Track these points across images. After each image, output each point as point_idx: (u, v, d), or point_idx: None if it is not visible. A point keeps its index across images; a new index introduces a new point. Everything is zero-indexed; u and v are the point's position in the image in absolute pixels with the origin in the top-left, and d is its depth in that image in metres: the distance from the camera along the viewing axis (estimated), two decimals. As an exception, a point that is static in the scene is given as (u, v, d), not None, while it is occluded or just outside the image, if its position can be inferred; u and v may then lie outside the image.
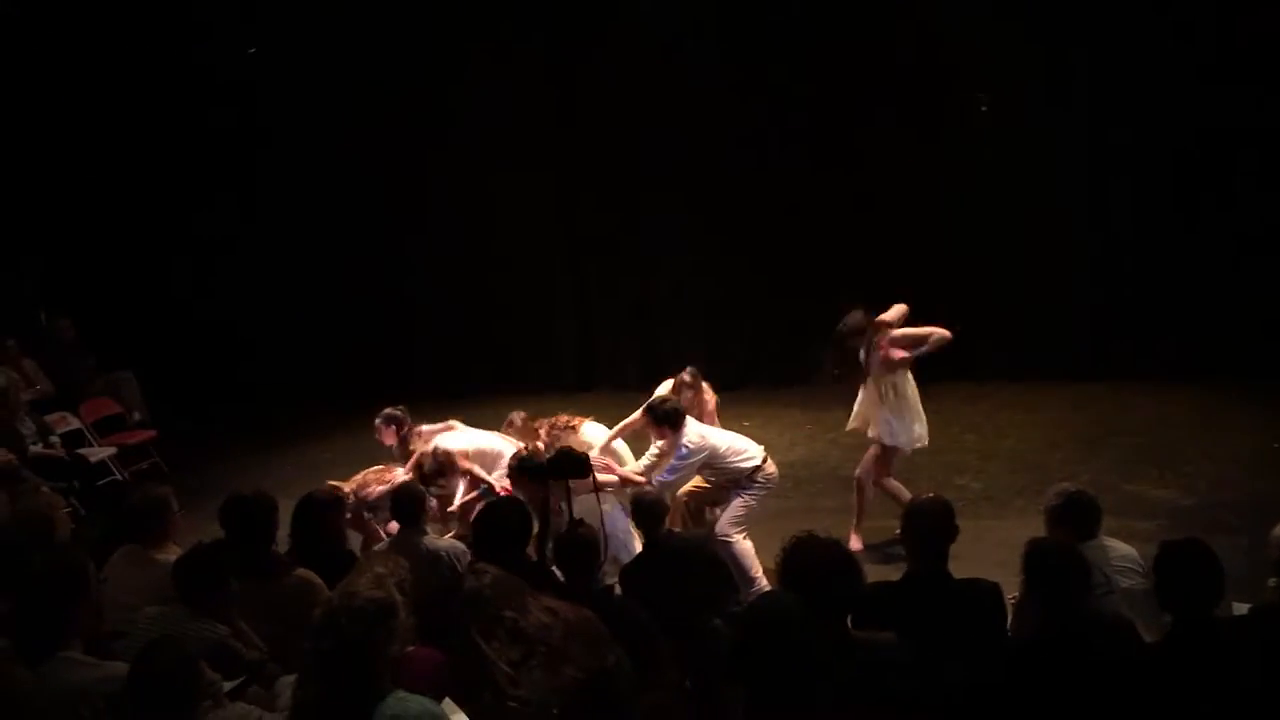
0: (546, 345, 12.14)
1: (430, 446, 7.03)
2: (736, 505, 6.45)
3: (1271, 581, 4.15)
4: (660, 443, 6.42)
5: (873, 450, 7.17)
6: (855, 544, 6.93)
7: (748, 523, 6.41)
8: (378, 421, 7.60)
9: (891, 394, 7.01)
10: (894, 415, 7.02)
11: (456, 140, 11.78)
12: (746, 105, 11.02)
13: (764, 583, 6.03)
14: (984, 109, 10.55)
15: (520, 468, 6.02)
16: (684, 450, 6.37)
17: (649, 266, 11.72)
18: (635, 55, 11.22)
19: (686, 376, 7.46)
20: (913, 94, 10.52)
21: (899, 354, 6.89)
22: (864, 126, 10.73)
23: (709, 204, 11.20)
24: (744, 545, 6.32)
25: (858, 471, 7.24)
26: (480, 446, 7.16)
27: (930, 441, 7.37)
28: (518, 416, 7.66)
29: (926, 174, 10.57)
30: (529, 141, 11.67)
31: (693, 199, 11.27)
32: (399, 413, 7.63)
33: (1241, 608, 4.17)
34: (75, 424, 9.77)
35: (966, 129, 10.57)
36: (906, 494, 6.97)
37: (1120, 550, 4.50)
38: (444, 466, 6.85)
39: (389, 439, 7.59)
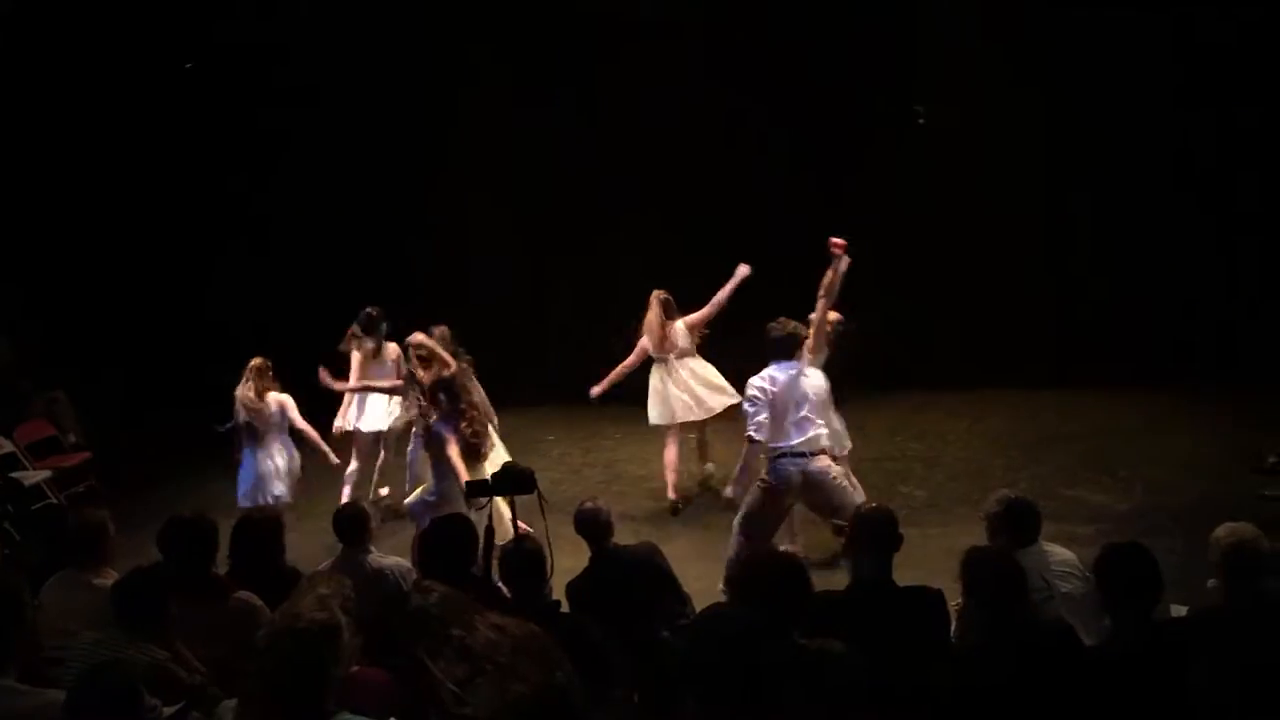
0: (534, 354, 12.04)
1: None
2: (748, 499, 6.27)
3: (1211, 583, 4.22)
4: None
5: None
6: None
7: (760, 525, 6.18)
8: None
9: None
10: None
11: (441, 147, 11.79)
12: (718, 115, 11.13)
13: None
14: (921, 121, 10.72)
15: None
16: (751, 390, 6.19)
17: (626, 276, 11.67)
18: (618, 62, 11.28)
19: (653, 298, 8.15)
20: (871, 104, 10.70)
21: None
22: (846, 134, 10.88)
23: (689, 218, 11.24)
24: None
25: None
26: None
27: (875, 449, 7.40)
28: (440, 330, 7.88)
29: (902, 184, 10.70)
30: (518, 147, 11.73)
31: (672, 213, 11.31)
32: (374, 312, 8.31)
33: (1179, 609, 4.24)
34: (9, 447, 9.56)
35: (921, 137, 10.74)
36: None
37: (1060, 555, 4.56)
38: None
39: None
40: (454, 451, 6.54)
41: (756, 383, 6.20)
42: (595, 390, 8.51)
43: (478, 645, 3.17)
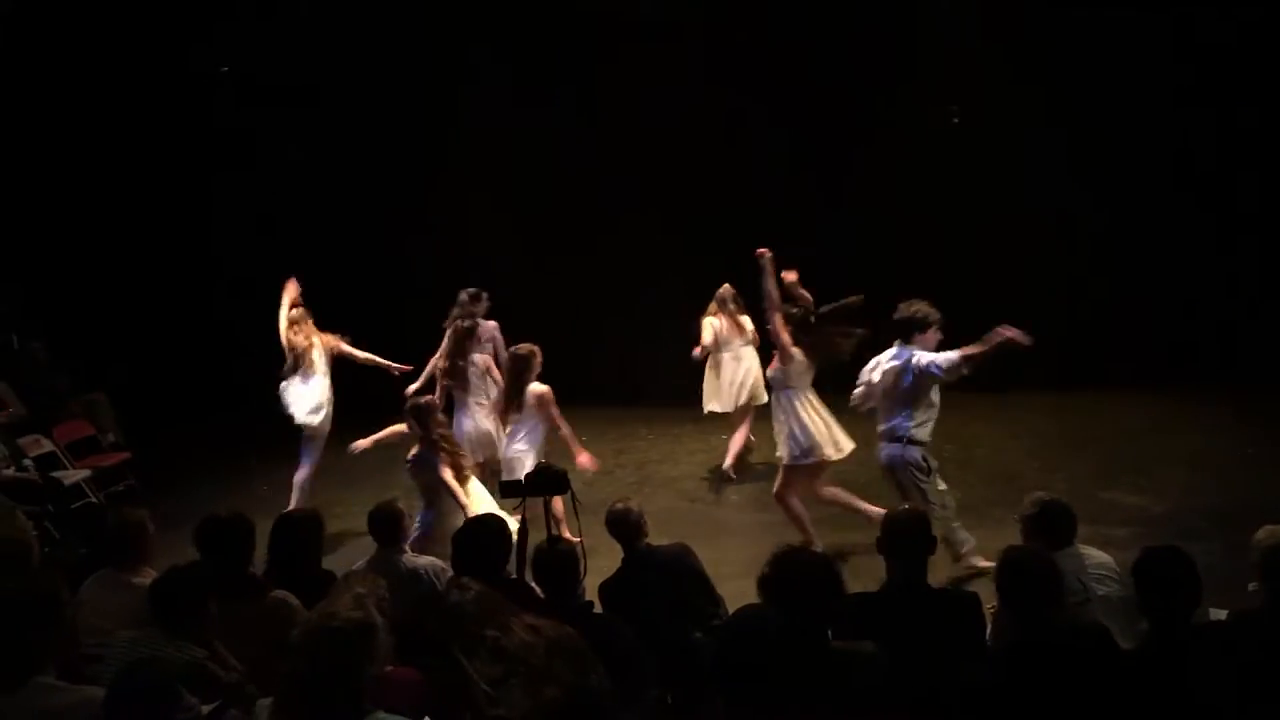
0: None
1: None
2: None
3: (1252, 585, 4.17)
4: None
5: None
6: None
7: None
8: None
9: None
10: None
11: (441, 147, 11.81)
12: (718, 115, 11.11)
13: None
14: (956, 120, 10.68)
15: None
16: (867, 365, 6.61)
17: (633, 279, 11.72)
18: (618, 62, 11.28)
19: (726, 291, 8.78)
20: (895, 105, 10.65)
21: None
22: (846, 134, 10.85)
23: (690, 218, 11.22)
24: None
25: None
26: None
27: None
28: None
29: (903, 184, 10.66)
30: (518, 147, 11.74)
31: (672, 213, 11.29)
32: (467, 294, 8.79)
33: (1219, 613, 4.19)
34: (49, 447, 9.68)
35: (945, 139, 10.69)
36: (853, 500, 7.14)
37: (1097, 558, 4.52)
38: None
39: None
40: (448, 473, 6.49)
41: (870, 364, 6.66)
42: (696, 352, 8.89)
43: (512, 646, 3.19)
